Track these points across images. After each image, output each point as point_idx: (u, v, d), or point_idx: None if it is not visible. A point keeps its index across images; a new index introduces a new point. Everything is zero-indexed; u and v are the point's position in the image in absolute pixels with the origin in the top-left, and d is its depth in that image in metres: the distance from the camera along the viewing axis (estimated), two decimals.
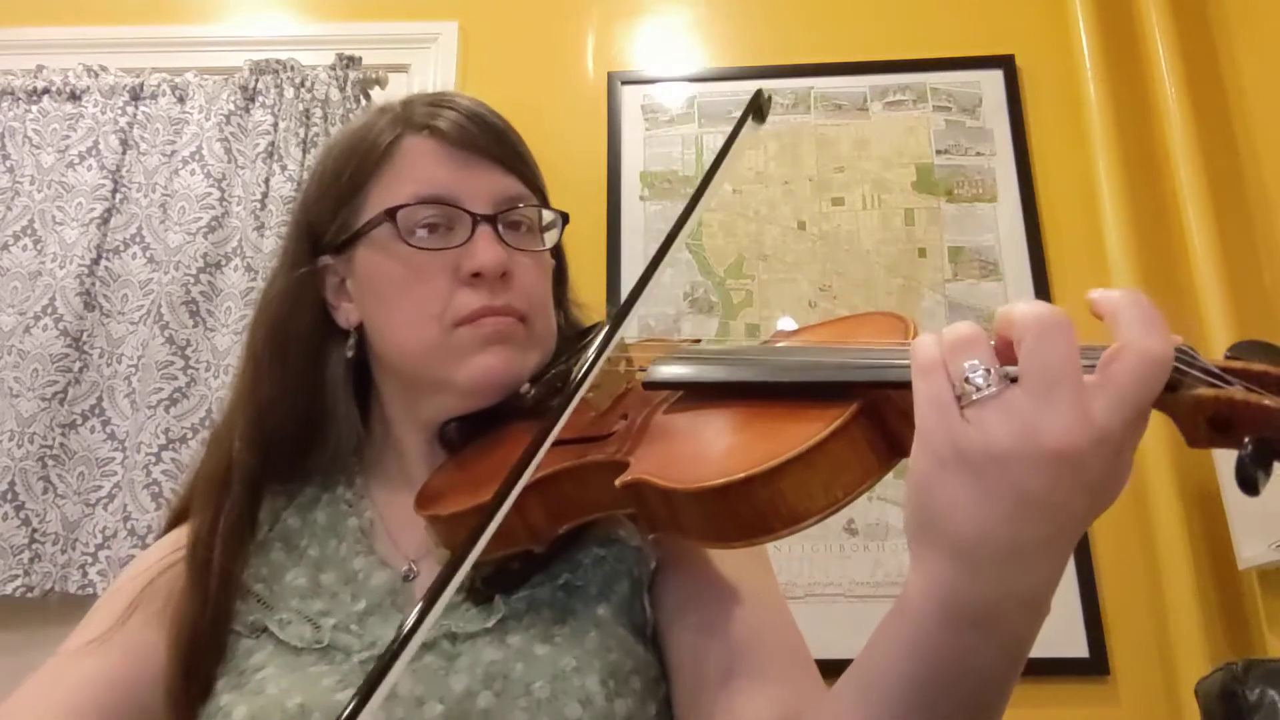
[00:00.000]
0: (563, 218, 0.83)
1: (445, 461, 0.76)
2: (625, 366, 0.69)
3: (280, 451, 0.78)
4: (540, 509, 0.64)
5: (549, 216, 0.83)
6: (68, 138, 2.06)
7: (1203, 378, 0.40)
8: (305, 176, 1.94)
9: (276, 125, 2.03)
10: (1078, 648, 1.72)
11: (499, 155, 0.78)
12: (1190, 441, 0.41)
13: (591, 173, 2.09)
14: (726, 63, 2.18)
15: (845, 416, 0.48)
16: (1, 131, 2.10)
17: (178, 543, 0.77)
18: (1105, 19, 2.08)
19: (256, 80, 2.08)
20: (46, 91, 2.11)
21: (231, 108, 2.05)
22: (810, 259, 2.02)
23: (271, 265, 0.86)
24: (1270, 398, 0.39)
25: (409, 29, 2.21)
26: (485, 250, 0.73)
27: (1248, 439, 0.38)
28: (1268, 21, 1.89)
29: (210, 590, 0.71)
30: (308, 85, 2.06)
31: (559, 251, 0.87)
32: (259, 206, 1.97)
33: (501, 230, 0.76)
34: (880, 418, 0.50)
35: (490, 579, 0.69)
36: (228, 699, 0.66)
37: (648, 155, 2.12)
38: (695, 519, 0.52)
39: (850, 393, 0.50)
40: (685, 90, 2.16)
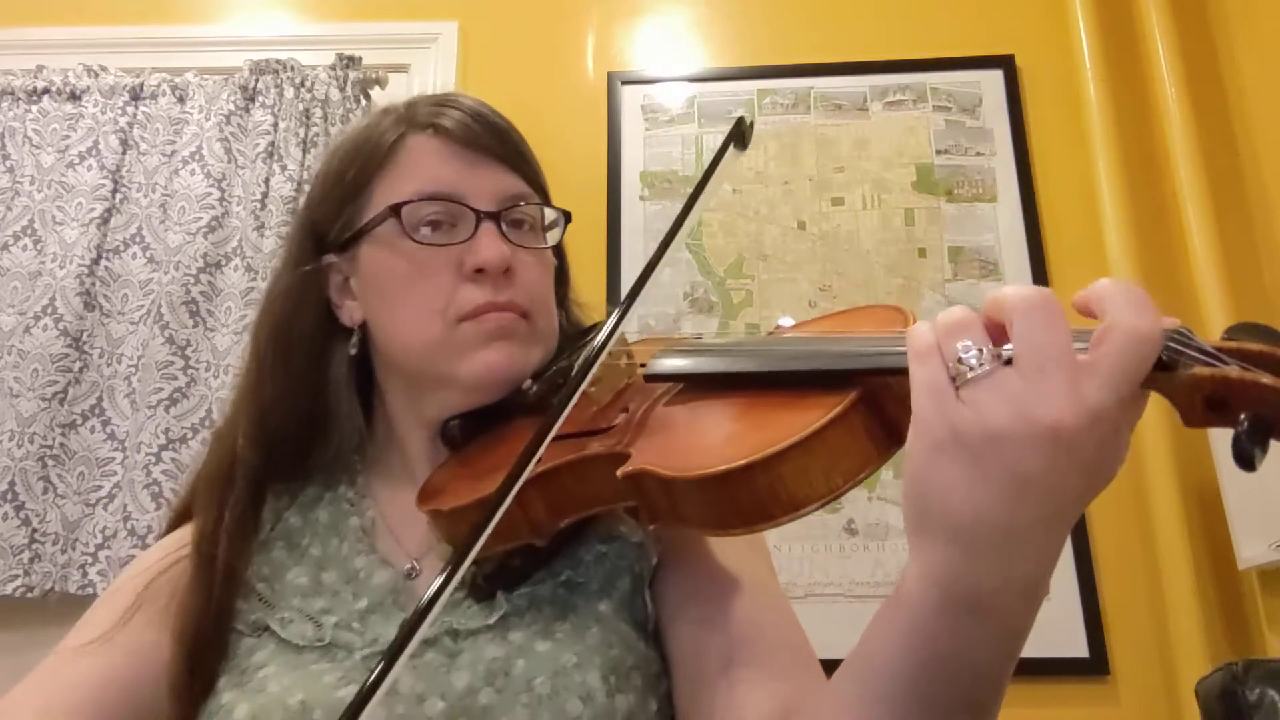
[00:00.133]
0: (565, 216, 0.83)
1: (448, 459, 0.77)
2: (626, 361, 0.69)
3: (283, 450, 0.78)
4: (542, 502, 0.64)
5: (551, 215, 0.83)
6: (68, 138, 2.07)
7: (1199, 358, 0.41)
8: (305, 176, 1.96)
9: (276, 125, 2.03)
10: (1078, 648, 1.72)
11: (502, 154, 0.78)
12: (1186, 421, 0.42)
13: (591, 173, 2.09)
14: (726, 63, 2.18)
15: (844, 404, 0.49)
16: (1, 131, 2.10)
17: (180, 542, 0.77)
18: (1105, 19, 2.08)
19: (256, 80, 2.08)
20: (46, 91, 2.11)
21: (231, 108, 2.05)
22: (810, 259, 2.02)
23: (274, 265, 0.86)
24: (1266, 376, 0.39)
25: (409, 29, 2.21)
26: (489, 246, 0.74)
27: (1243, 415, 0.39)
28: (1268, 21, 1.89)
29: (215, 585, 0.71)
30: (308, 85, 2.06)
31: (561, 251, 0.87)
32: (259, 206, 1.97)
33: (504, 228, 0.76)
34: (879, 405, 0.51)
35: (492, 576, 0.69)
36: (229, 697, 0.66)
37: (648, 155, 2.12)
38: (696, 507, 0.53)
39: (849, 381, 0.51)
40: (685, 90, 2.16)
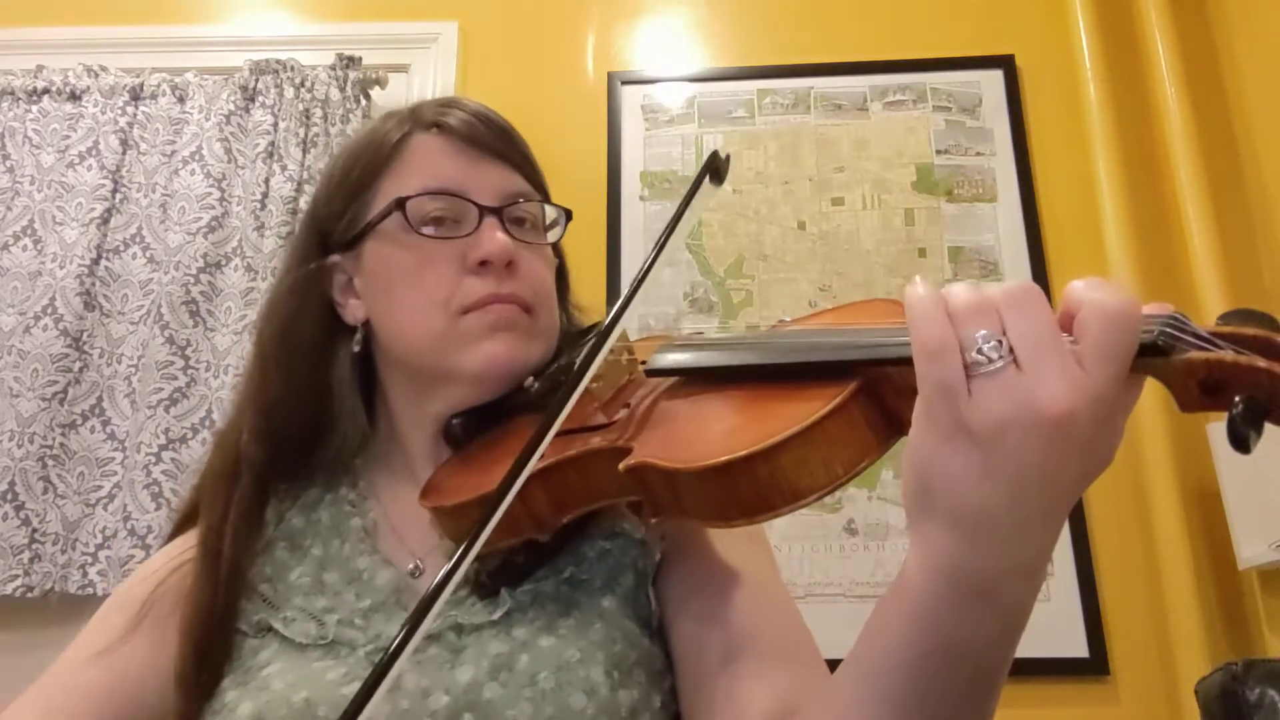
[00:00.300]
0: (566, 214, 0.85)
1: (450, 457, 0.77)
2: (627, 358, 0.69)
3: (286, 448, 0.79)
4: (544, 498, 0.64)
5: (552, 214, 0.84)
6: (68, 138, 2.07)
7: (1194, 342, 0.41)
8: (305, 176, 1.96)
9: (276, 125, 2.03)
10: (1078, 648, 1.72)
11: (505, 153, 0.80)
12: (1182, 406, 0.42)
13: (591, 173, 2.09)
14: (726, 63, 2.18)
15: (844, 394, 0.50)
16: (1, 131, 2.10)
17: (183, 547, 0.78)
18: (1105, 19, 2.08)
19: (256, 80, 2.08)
20: (46, 91, 2.11)
21: (231, 108, 2.05)
22: (810, 259, 2.02)
23: (274, 265, 0.87)
24: (1261, 359, 0.39)
25: (409, 29, 2.21)
26: (492, 239, 0.75)
27: (1238, 399, 0.39)
28: (1268, 21, 1.89)
29: (220, 580, 0.72)
30: (308, 85, 2.06)
31: (560, 253, 0.88)
32: (259, 206, 1.97)
33: (507, 224, 0.77)
34: (879, 396, 0.51)
35: (495, 572, 0.70)
36: (233, 695, 0.66)
37: (648, 155, 2.12)
38: (698, 498, 0.53)
39: (850, 372, 0.51)
40: (685, 90, 2.16)
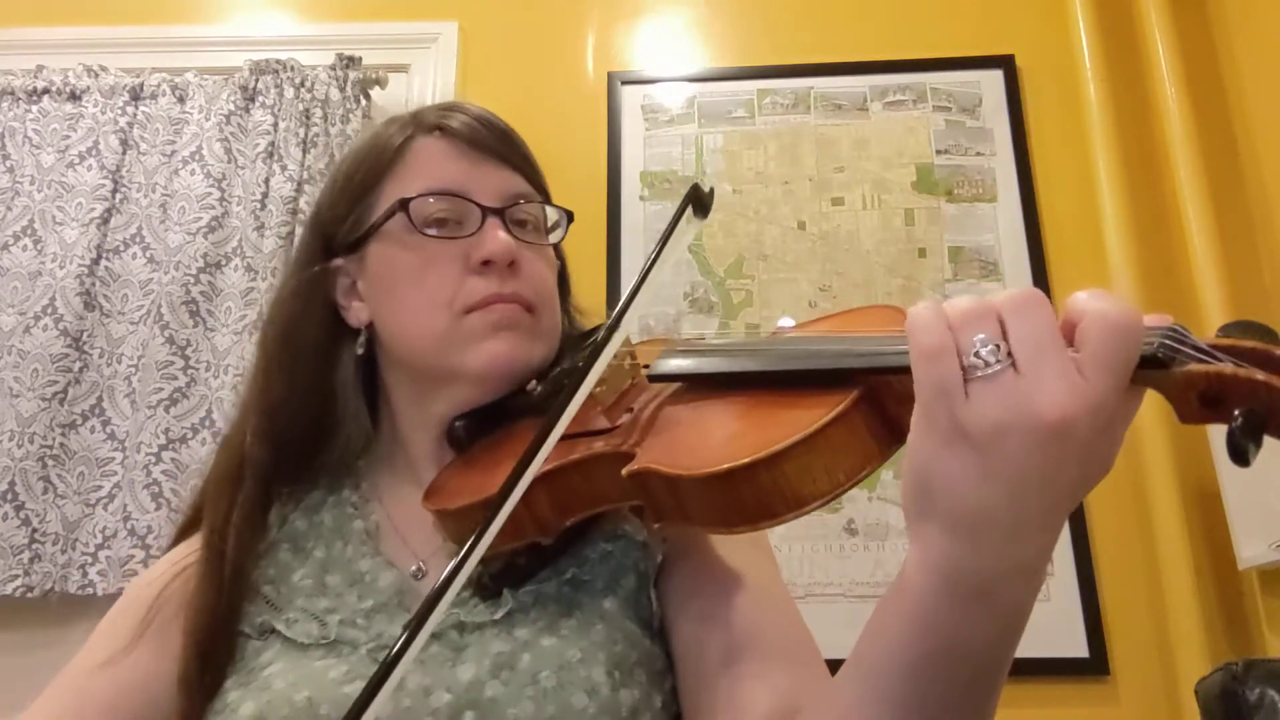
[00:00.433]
0: (568, 216, 0.85)
1: (453, 459, 0.77)
2: (630, 362, 0.70)
3: (290, 450, 0.79)
4: (547, 501, 0.64)
5: (554, 217, 0.85)
6: (68, 138, 2.06)
7: (1194, 354, 0.41)
8: (305, 176, 1.96)
9: (276, 125, 2.03)
10: (1078, 648, 1.72)
11: (507, 155, 0.81)
12: (1182, 417, 0.43)
13: (591, 173, 2.09)
14: (726, 63, 2.18)
15: (846, 402, 0.50)
16: (1, 131, 2.10)
17: (186, 552, 0.78)
18: (1105, 19, 2.08)
19: (256, 80, 2.08)
20: (46, 91, 2.11)
21: (231, 108, 2.05)
22: (810, 259, 2.02)
23: (274, 265, 0.87)
24: (1260, 372, 0.40)
25: (409, 29, 2.21)
26: (494, 239, 0.75)
27: (1238, 412, 0.39)
28: (1268, 21, 1.89)
29: (224, 582, 0.72)
30: (308, 85, 2.06)
31: (562, 256, 0.88)
32: (259, 206, 1.97)
33: (509, 225, 0.78)
34: (880, 403, 0.51)
35: (498, 574, 0.70)
36: (235, 696, 0.67)
37: (648, 155, 2.12)
38: (700, 505, 0.53)
39: (851, 380, 0.51)
40: (685, 90, 2.16)
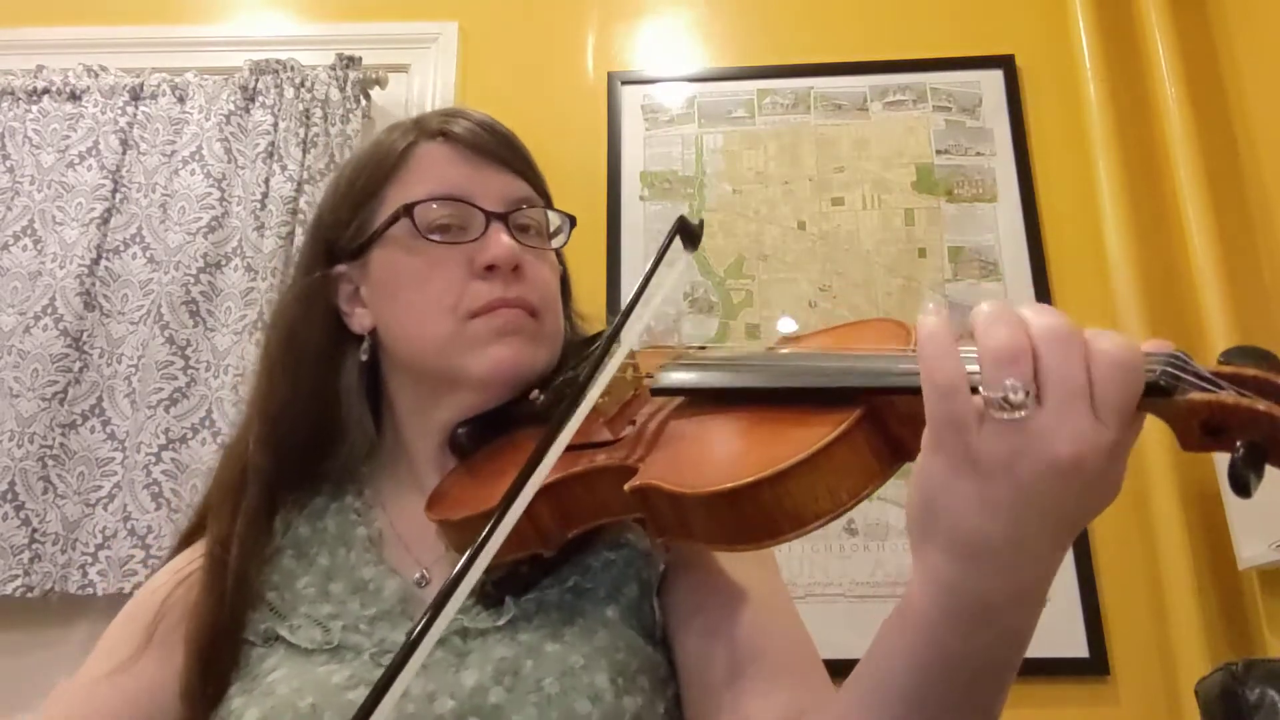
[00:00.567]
0: (570, 221, 0.85)
1: (456, 467, 0.77)
2: (632, 373, 0.69)
3: (293, 456, 0.79)
4: (550, 513, 0.64)
5: (556, 222, 0.85)
6: (68, 138, 2.06)
7: (1196, 383, 0.41)
8: (305, 176, 1.96)
9: (276, 125, 2.03)
10: (1078, 648, 1.72)
11: (509, 160, 0.81)
12: (1184, 445, 0.42)
13: (591, 173, 2.09)
14: (726, 63, 2.18)
15: (849, 422, 0.49)
16: (1, 131, 2.09)
17: (190, 557, 0.78)
18: (1105, 19, 2.08)
19: (256, 80, 2.08)
20: (46, 91, 2.11)
21: (231, 108, 2.05)
22: (810, 259, 2.02)
23: (274, 265, 0.87)
24: (1262, 402, 0.39)
25: (409, 29, 2.21)
26: (498, 243, 0.76)
27: (1239, 442, 0.39)
28: (1268, 21, 1.89)
29: (227, 590, 0.72)
30: (308, 85, 2.06)
31: (563, 261, 0.88)
32: (259, 206, 1.96)
33: (512, 229, 0.78)
34: (883, 423, 0.51)
35: (500, 582, 0.70)
36: (239, 702, 0.67)
37: (648, 155, 2.11)
38: (703, 523, 0.53)
39: (854, 398, 0.51)
40: (685, 90, 2.16)
